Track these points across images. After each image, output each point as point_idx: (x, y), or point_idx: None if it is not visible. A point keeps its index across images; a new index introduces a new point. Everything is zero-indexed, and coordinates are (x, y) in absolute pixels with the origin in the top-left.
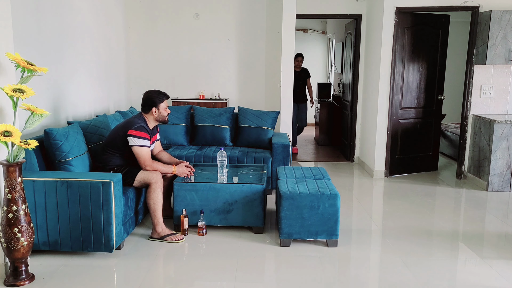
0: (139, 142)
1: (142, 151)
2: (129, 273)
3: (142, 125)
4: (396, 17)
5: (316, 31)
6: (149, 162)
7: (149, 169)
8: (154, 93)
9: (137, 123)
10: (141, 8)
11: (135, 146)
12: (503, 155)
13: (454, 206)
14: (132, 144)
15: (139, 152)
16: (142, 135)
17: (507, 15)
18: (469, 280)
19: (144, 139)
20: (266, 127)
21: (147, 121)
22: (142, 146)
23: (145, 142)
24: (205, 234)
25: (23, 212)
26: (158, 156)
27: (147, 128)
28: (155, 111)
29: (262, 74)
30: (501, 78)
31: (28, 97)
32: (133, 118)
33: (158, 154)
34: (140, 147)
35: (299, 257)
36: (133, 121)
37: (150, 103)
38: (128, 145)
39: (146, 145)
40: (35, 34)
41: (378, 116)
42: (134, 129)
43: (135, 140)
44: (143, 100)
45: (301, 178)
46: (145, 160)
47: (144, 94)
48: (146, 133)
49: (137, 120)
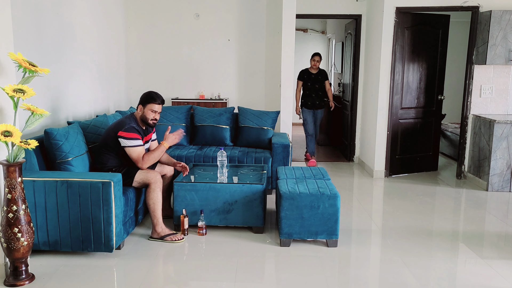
0: (130, 143)
1: (135, 151)
2: (129, 273)
3: (132, 125)
4: (396, 17)
5: (316, 31)
6: (141, 161)
7: (146, 166)
8: (148, 93)
9: (127, 124)
10: (141, 8)
11: (126, 147)
12: (503, 155)
13: (454, 206)
14: (123, 145)
15: (131, 152)
16: (132, 136)
17: (507, 15)
18: (469, 280)
19: (135, 139)
20: (266, 127)
21: (137, 121)
22: (134, 147)
23: (136, 142)
24: (205, 234)
25: (23, 212)
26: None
27: (137, 128)
28: (140, 109)
29: (262, 74)
30: (501, 78)
31: (29, 98)
32: (124, 119)
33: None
34: (132, 148)
35: (299, 257)
36: (123, 122)
37: (140, 101)
38: (120, 145)
39: (138, 145)
40: (35, 34)
41: (378, 116)
42: (124, 130)
43: (125, 141)
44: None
45: (301, 178)
46: (138, 160)
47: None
48: (136, 133)
49: (127, 120)
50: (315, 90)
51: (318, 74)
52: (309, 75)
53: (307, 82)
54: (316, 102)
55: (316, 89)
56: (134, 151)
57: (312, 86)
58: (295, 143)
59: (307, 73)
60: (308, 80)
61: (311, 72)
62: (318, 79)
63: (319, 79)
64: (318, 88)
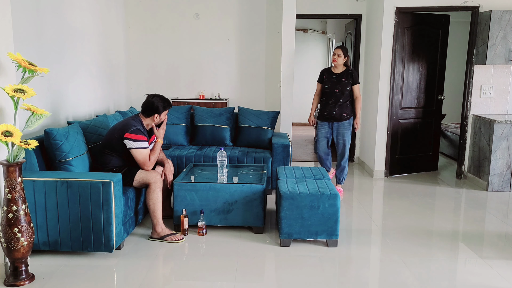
0: (136, 145)
1: (142, 153)
2: (129, 273)
3: (138, 128)
4: (396, 17)
5: (316, 31)
6: (148, 162)
7: (151, 167)
8: (159, 100)
9: (133, 125)
10: (141, 8)
11: (133, 149)
12: (503, 155)
13: (454, 206)
14: (130, 147)
15: (137, 155)
16: (139, 138)
17: (507, 15)
18: (469, 280)
19: (142, 141)
20: (266, 127)
21: (143, 124)
22: (140, 149)
23: (143, 144)
24: (205, 234)
25: (23, 212)
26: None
27: (143, 130)
28: (156, 117)
29: (262, 74)
30: (501, 78)
31: (29, 98)
32: (129, 120)
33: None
34: (139, 150)
35: (299, 257)
36: (129, 124)
37: (154, 109)
38: (125, 147)
39: (144, 147)
40: (35, 34)
41: (378, 116)
42: (130, 132)
43: (132, 143)
44: (146, 104)
45: (301, 178)
46: (145, 161)
47: (149, 98)
48: (143, 135)
49: (134, 122)
50: (335, 95)
51: (343, 75)
52: (329, 75)
53: (326, 84)
54: (333, 111)
55: (336, 94)
56: (140, 153)
57: (330, 90)
58: (295, 143)
59: (327, 73)
60: (328, 81)
61: (333, 72)
62: (341, 82)
63: (343, 82)
64: (339, 93)
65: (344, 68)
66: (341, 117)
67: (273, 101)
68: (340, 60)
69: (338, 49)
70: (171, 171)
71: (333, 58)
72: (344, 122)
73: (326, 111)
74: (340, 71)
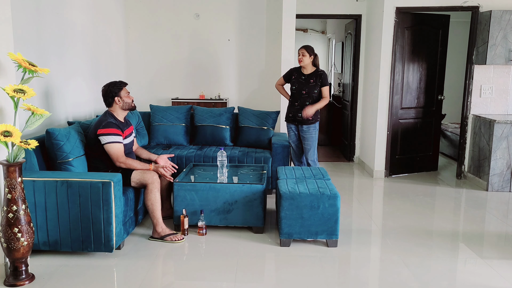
0: (109, 139)
1: (113, 147)
2: (129, 273)
3: (110, 121)
4: (396, 17)
5: (316, 31)
6: (122, 158)
7: (123, 165)
8: (110, 85)
9: (104, 120)
10: (141, 8)
11: (106, 143)
12: (503, 155)
13: (454, 206)
14: (103, 142)
15: (110, 148)
16: (111, 131)
17: (507, 15)
18: (469, 280)
19: (115, 135)
20: (266, 127)
21: (115, 115)
22: (112, 143)
23: (116, 138)
24: (205, 234)
25: (23, 212)
26: (136, 153)
27: (116, 122)
28: (118, 100)
29: (262, 74)
30: (501, 78)
31: (29, 98)
32: (100, 118)
33: (136, 151)
34: (111, 144)
35: (299, 257)
36: (100, 120)
37: (111, 95)
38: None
39: (117, 141)
40: (35, 34)
41: (378, 116)
42: (102, 127)
43: (105, 138)
44: (103, 96)
45: (301, 178)
46: (117, 156)
47: (102, 90)
48: (115, 128)
49: (104, 117)
50: (301, 97)
51: (311, 76)
52: (298, 76)
53: (293, 84)
54: (298, 114)
55: (302, 96)
56: (112, 147)
57: (297, 91)
58: None
59: (297, 72)
60: (296, 81)
61: (302, 72)
62: (309, 83)
63: (310, 84)
64: (305, 95)
65: (314, 69)
66: (306, 120)
67: (273, 101)
68: (306, 59)
69: (302, 49)
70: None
71: (298, 58)
72: (310, 126)
73: (292, 113)
74: (309, 72)
